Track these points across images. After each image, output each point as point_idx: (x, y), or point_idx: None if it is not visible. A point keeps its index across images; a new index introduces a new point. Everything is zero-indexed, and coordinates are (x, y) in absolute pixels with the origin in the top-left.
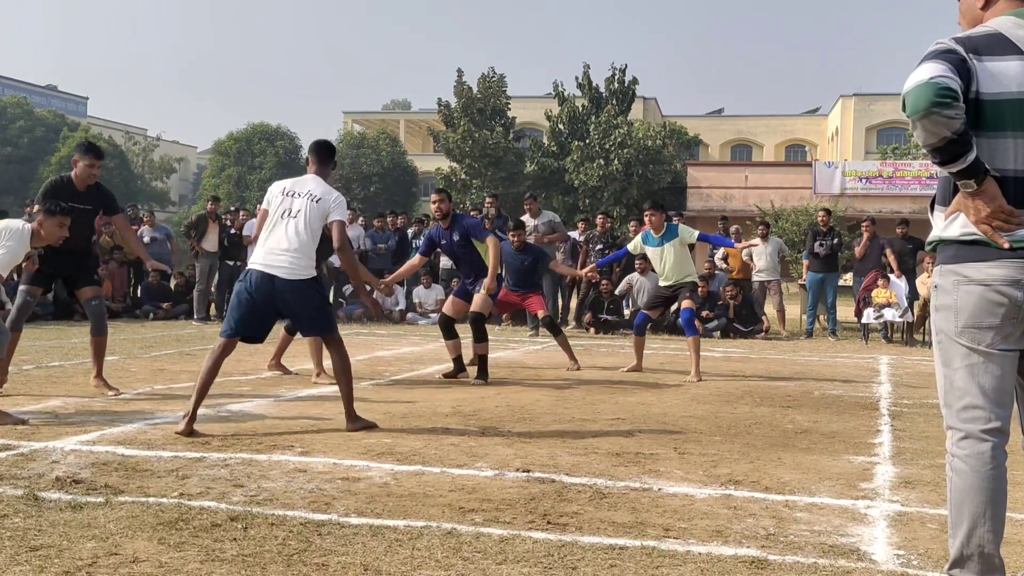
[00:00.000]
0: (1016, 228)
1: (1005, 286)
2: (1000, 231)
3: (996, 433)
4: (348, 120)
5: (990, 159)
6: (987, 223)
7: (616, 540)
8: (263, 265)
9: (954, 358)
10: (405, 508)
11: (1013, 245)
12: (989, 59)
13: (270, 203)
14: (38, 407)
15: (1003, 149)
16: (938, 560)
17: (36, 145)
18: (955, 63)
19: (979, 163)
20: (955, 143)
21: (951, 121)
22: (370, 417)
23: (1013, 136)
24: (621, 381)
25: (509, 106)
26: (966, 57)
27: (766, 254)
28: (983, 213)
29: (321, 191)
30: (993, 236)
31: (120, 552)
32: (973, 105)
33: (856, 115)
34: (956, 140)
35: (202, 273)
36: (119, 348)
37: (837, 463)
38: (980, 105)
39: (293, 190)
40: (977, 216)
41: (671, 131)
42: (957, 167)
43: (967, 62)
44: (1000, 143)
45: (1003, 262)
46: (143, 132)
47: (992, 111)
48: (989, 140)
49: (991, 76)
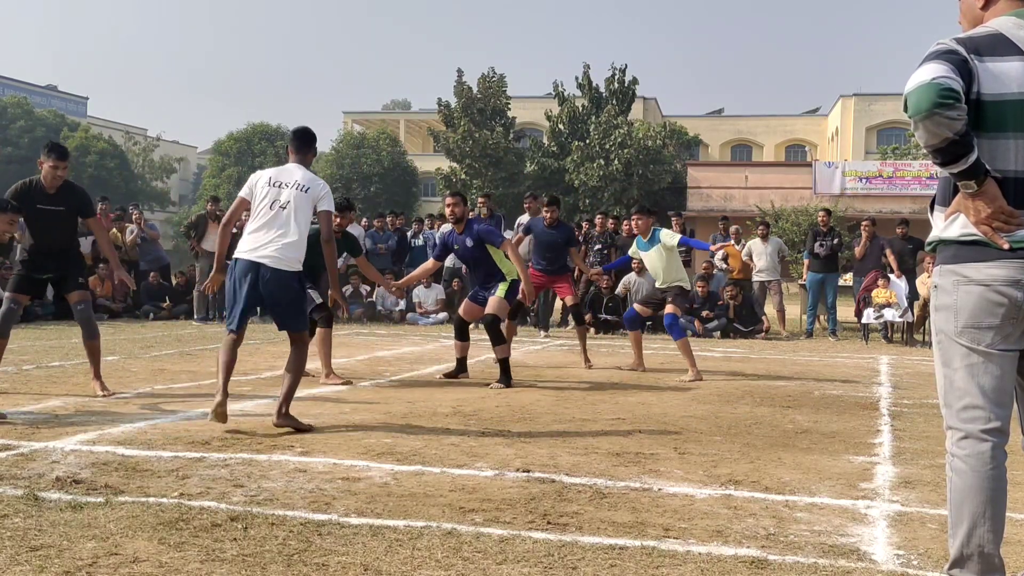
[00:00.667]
0: (1016, 229)
1: (1005, 286)
2: (1000, 232)
3: (996, 433)
4: (348, 120)
5: (991, 160)
6: (987, 224)
7: (616, 540)
8: (249, 253)
9: (954, 358)
10: (405, 508)
11: (1013, 246)
12: (990, 60)
13: (253, 193)
14: (38, 407)
15: (1004, 150)
16: (938, 560)
17: (36, 145)
18: (957, 64)
19: (980, 164)
20: (957, 144)
21: (953, 122)
22: (370, 417)
23: (1015, 137)
24: (621, 381)
25: (509, 106)
26: (967, 58)
27: (766, 254)
28: (983, 214)
29: (308, 180)
30: (993, 237)
31: (120, 552)
32: (974, 106)
33: (856, 115)
34: (958, 141)
35: (202, 273)
36: (119, 348)
37: (837, 463)
38: (981, 106)
39: (279, 180)
40: (977, 217)
41: (671, 131)
42: (958, 168)
43: (968, 63)
44: (1001, 144)
45: (1003, 262)
46: (143, 132)
47: (993, 112)
48: (990, 141)
49: (992, 77)
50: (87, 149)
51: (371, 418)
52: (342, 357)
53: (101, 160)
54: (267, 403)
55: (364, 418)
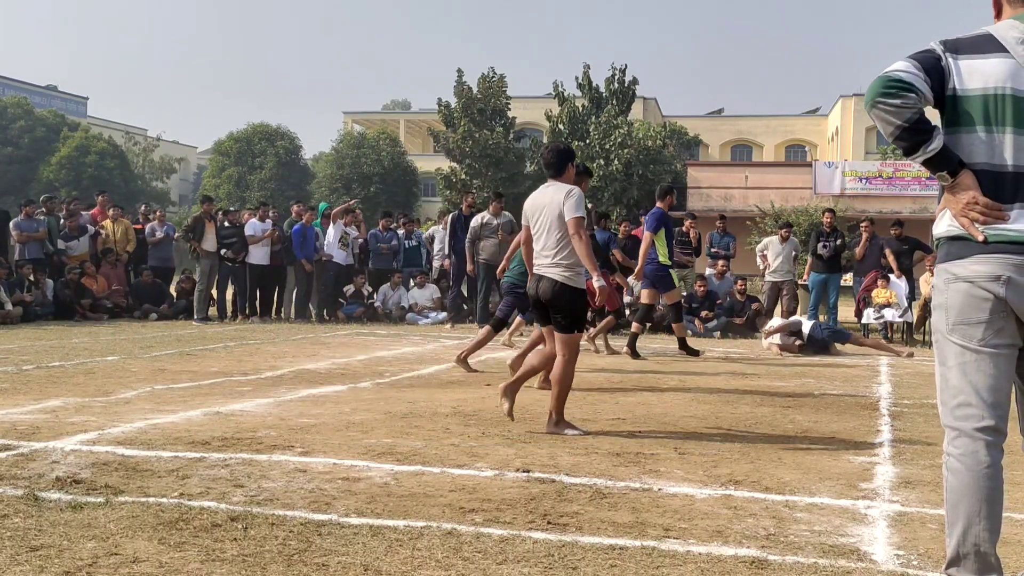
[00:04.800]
0: (995, 222)
1: (988, 282)
2: (978, 224)
3: (990, 432)
4: (348, 120)
5: (968, 155)
6: (964, 215)
7: (616, 540)
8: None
9: (948, 356)
10: (405, 508)
11: (989, 239)
12: (966, 57)
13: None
14: (38, 407)
15: (977, 144)
16: (938, 560)
17: (36, 145)
18: (925, 61)
19: (947, 154)
20: (910, 131)
21: (899, 110)
22: (370, 417)
23: (985, 131)
24: (621, 381)
25: (509, 106)
26: (941, 56)
27: (783, 254)
28: (959, 204)
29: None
30: (969, 228)
31: (120, 552)
32: (951, 102)
33: (856, 115)
34: (910, 129)
35: (202, 273)
36: (119, 348)
37: (837, 463)
38: (956, 101)
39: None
40: (955, 208)
41: (671, 131)
42: (921, 157)
43: (941, 60)
44: (975, 138)
45: (984, 257)
46: (143, 132)
47: (965, 107)
48: (967, 135)
49: (966, 73)
50: (87, 149)
51: (371, 418)
52: (342, 357)
53: (101, 160)
54: (267, 403)
55: (364, 418)
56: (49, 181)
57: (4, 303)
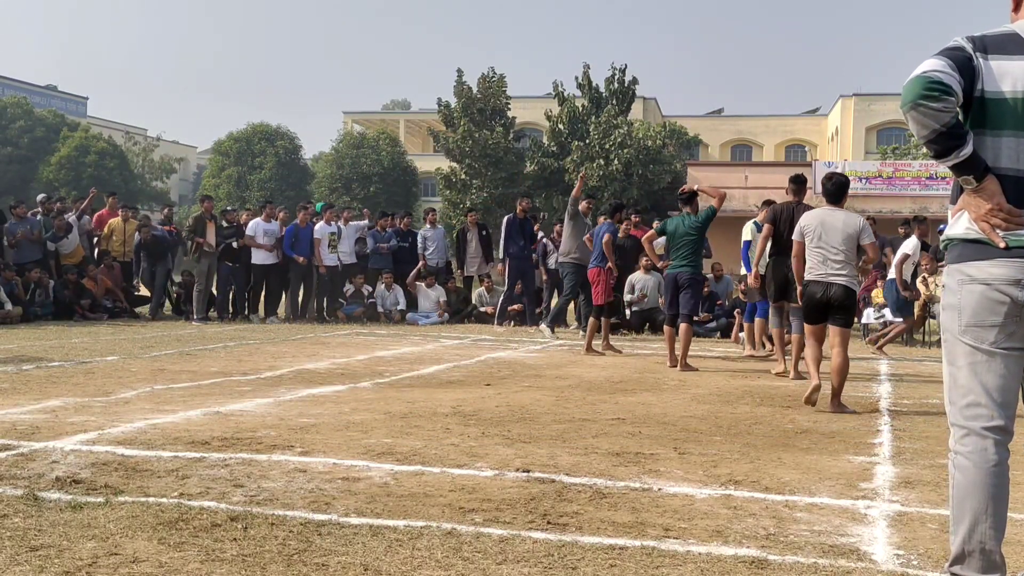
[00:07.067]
0: (1017, 228)
1: (1006, 285)
2: (999, 229)
3: (998, 431)
4: (348, 120)
5: (994, 158)
6: (986, 220)
7: (616, 540)
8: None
9: (958, 356)
10: (405, 508)
11: (1011, 244)
12: (995, 58)
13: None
14: (38, 407)
15: (1004, 148)
16: (938, 560)
17: (36, 145)
18: (959, 60)
19: (976, 159)
20: (945, 136)
21: (939, 114)
22: (370, 417)
23: (1014, 135)
24: (621, 381)
25: (509, 106)
26: (972, 55)
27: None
28: (982, 210)
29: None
30: (991, 234)
31: (120, 552)
32: (979, 103)
33: (856, 115)
34: (946, 133)
35: (201, 273)
36: (119, 348)
37: (837, 463)
38: (984, 103)
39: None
40: (977, 213)
41: (671, 131)
42: (952, 161)
43: (973, 60)
44: (1002, 142)
45: (1004, 261)
46: (143, 132)
47: (994, 109)
48: (992, 138)
49: (995, 75)
50: (87, 149)
51: (371, 418)
52: (342, 357)
53: (101, 160)
54: (267, 403)
55: (364, 418)
56: (49, 181)
57: (4, 303)
